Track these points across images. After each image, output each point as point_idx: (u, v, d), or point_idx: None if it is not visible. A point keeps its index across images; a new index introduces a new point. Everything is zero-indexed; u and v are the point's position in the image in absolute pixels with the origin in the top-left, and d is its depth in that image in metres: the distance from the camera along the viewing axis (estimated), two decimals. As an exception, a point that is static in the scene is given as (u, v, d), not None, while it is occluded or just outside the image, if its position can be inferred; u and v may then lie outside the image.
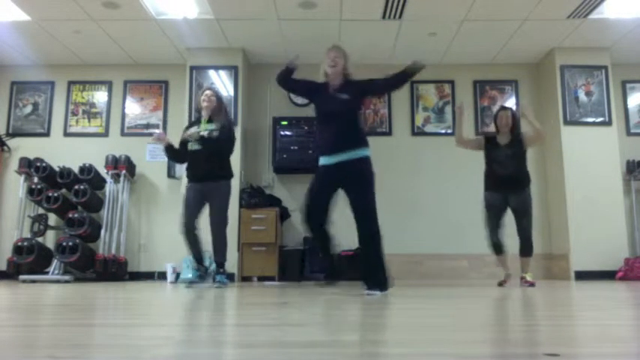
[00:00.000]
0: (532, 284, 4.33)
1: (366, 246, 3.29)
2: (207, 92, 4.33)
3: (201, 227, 4.27)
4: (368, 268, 3.27)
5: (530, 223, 4.42)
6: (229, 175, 4.31)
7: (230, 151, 4.34)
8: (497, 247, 4.49)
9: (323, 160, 3.40)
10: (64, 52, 6.00)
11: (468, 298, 3.07)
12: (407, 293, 3.56)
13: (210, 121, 4.23)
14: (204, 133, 4.17)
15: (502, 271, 4.58)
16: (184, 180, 5.56)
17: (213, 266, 4.70)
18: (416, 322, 1.93)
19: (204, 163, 4.17)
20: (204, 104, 4.26)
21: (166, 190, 6.10)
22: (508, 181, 4.40)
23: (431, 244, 5.92)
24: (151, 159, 6.15)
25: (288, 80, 3.58)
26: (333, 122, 3.37)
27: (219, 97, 4.35)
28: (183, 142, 4.28)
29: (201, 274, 4.26)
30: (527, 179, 4.48)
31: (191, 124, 4.42)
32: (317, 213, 3.38)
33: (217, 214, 4.21)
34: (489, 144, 4.56)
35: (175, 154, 4.38)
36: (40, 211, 5.70)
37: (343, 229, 3.74)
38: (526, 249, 4.43)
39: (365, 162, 3.37)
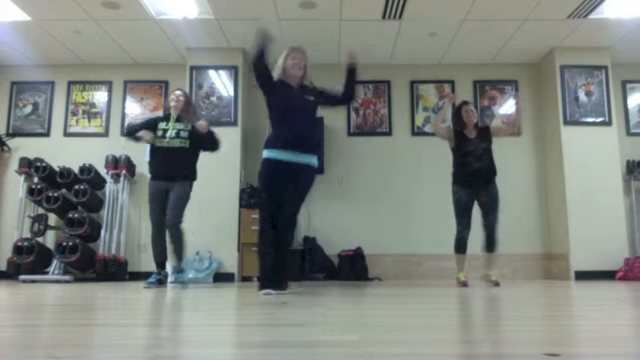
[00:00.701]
0: (497, 284, 4.24)
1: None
2: (177, 92, 4.49)
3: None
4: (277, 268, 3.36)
5: (497, 218, 4.35)
6: (192, 176, 4.37)
7: (217, 146, 4.46)
8: (463, 246, 4.40)
9: (281, 156, 3.38)
10: (64, 52, 6.00)
11: (467, 298, 3.07)
12: (407, 293, 3.56)
13: (178, 120, 4.35)
14: (173, 132, 4.28)
15: (457, 271, 4.45)
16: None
17: (208, 270, 4.75)
18: (416, 322, 1.93)
19: (168, 161, 4.25)
20: (172, 104, 4.40)
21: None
22: (480, 174, 4.36)
23: (431, 244, 5.92)
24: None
25: (265, 64, 3.46)
26: (301, 121, 3.40)
27: (187, 98, 4.49)
28: (147, 127, 4.34)
29: (162, 278, 4.27)
30: (495, 172, 4.44)
31: (160, 119, 4.48)
32: (281, 207, 3.37)
33: (173, 209, 4.20)
34: (460, 137, 4.50)
35: (134, 133, 4.38)
36: (40, 211, 5.70)
37: (343, 230, 3.74)
38: (491, 244, 4.36)
39: (314, 171, 3.50)
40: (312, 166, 3.47)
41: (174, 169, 4.26)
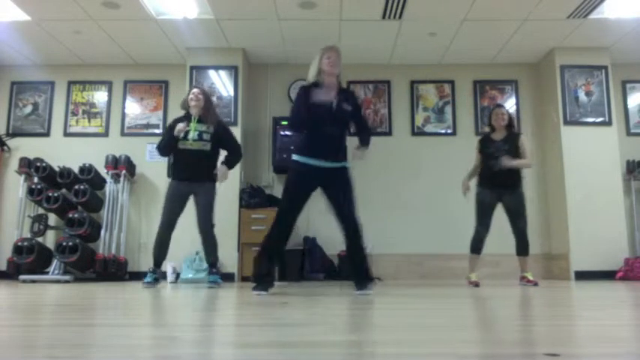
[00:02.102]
0: (535, 283, 4.33)
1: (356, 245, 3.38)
2: (195, 90, 4.33)
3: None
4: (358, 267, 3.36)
5: (525, 223, 4.40)
6: (214, 176, 4.33)
7: (240, 157, 4.46)
8: (478, 247, 4.45)
9: (311, 162, 3.35)
10: (64, 52, 6.00)
11: (467, 298, 3.07)
12: (407, 293, 3.56)
13: (200, 120, 4.23)
14: (195, 134, 4.18)
15: (469, 271, 4.49)
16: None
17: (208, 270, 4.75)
18: (416, 322, 1.93)
19: (195, 162, 4.18)
20: (192, 103, 4.26)
21: (166, 190, 6.09)
22: (501, 177, 4.38)
23: (431, 244, 5.92)
24: (150, 159, 6.15)
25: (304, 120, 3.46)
26: (335, 130, 3.36)
27: (206, 96, 4.36)
28: (173, 136, 4.22)
29: (158, 277, 4.24)
30: (520, 177, 4.46)
31: (179, 120, 4.34)
32: (294, 217, 3.38)
33: (206, 215, 4.21)
34: (483, 142, 4.56)
35: (171, 146, 4.27)
36: (40, 211, 5.70)
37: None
38: (523, 248, 4.42)
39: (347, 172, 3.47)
40: (344, 169, 3.42)
41: (198, 171, 4.18)
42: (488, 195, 4.42)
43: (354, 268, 3.40)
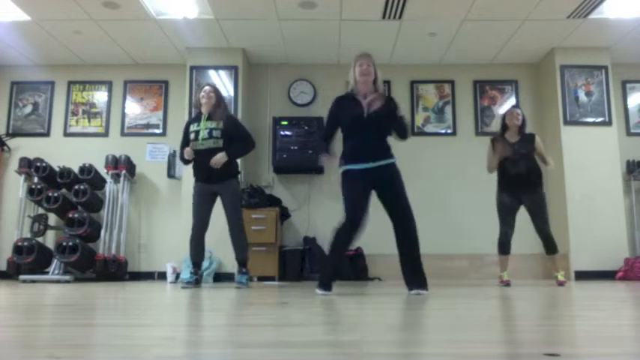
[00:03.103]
0: (561, 283, 4.35)
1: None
2: (207, 88, 4.27)
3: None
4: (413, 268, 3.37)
5: (546, 222, 4.40)
6: (235, 172, 4.28)
7: (251, 146, 4.34)
8: (505, 247, 4.50)
9: (356, 166, 3.39)
10: (64, 52, 6.00)
11: (467, 298, 3.07)
12: (406, 293, 3.56)
13: (209, 118, 4.18)
14: (205, 133, 4.12)
15: (500, 271, 4.56)
16: (185, 180, 5.58)
17: (208, 270, 4.69)
18: (416, 322, 1.93)
19: (208, 163, 4.11)
20: (204, 101, 4.20)
21: (166, 190, 6.11)
22: (520, 180, 4.39)
23: (431, 244, 5.88)
24: (150, 159, 6.15)
25: (331, 142, 3.55)
26: (368, 134, 3.39)
27: (218, 93, 4.30)
28: (188, 141, 4.22)
29: (198, 278, 4.20)
30: (539, 177, 4.45)
31: (191, 121, 4.35)
32: (363, 215, 3.39)
33: (233, 212, 4.18)
34: (499, 143, 4.53)
35: (186, 160, 4.26)
36: (40, 211, 5.70)
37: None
38: (550, 247, 4.42)
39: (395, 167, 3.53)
40: (389, 165, 3.46)
41: (215, 170, 4.11)
42: (507, 197, 4.45)
43: (407, 267, 3.37)
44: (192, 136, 4.17)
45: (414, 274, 3.35)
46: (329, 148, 3.52)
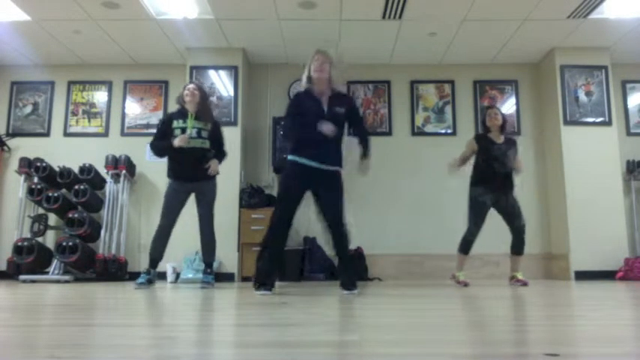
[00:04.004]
0: (525, 283, 4.31)
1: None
2: (190, 86, 4.23)
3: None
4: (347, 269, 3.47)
5: (524, 222, 4.38)
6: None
7: (226, 156, 4.36)
8: (469, 247, 4.41)
9: (305, 162, 3.39)
10: (64, 52, 6.00)
11: (467, 298, 3.07)
12: (406, 293, 3.56)
13: (197, 117, 4.14)
14: (193, 132, 4.09)
15: (457, 270, 4.46)
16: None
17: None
18: (415, 322, 1.93)
19: (192, 162, 4.11)
20: (188, 99, 4.16)
21: (166, 189, 6.08)
22: (502, 180, 4.36)
23: (431, 244, 5.92)
24: (150, 159, 6.15)
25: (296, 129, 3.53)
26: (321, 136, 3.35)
27: (202, 91, 4.26)
28: (165, 135, 4.15)
29: (151, 278, 4.12)
30: (513, 179, 4.45)
31: (173, 117, 4.24)
32: (291, 218, 3.43)
33: (207, 213, 4.18)
34: (484, 141, 4.48)
35: (167, 150, 4.19)
36: (40, 211, 5.70)
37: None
38: (520, 247, 4.40)
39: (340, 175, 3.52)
40: (335, 173, 3.45)
41: (199, 170, 4.11)
42: (487, 197, 4.38)
43: (342, 270, 3.50)
44: (177, 132, 4.11)
45: (346, 278, 3.44)
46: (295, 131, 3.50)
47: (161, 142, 4.18)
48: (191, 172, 4.14)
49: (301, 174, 3.40)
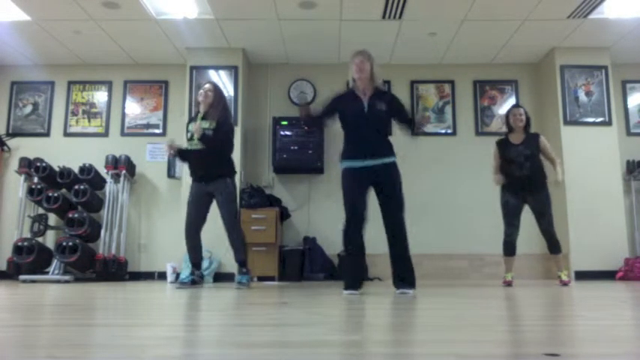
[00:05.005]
0: (565, 283, 4.34)
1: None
2: (206, 86, 4.27)
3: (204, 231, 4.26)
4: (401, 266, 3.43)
5: (551, 222, 4.39)
6: (230, 172, 4.25)
7: (226, 149, 4.25)
8: (510, 249, 4.46)
9: (355, 164, 3.41)
10: (64, 52, 6.00)
11: (467, 299, 3.07)
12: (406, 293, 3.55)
13: (204, 117, 4.17)
14: (199, 131, 4.11)
15: (504, 271, 4.53)
16: (185, 180, 5.58)
17: (208, 269, 4.65)
18: (416, 322, 1.93)
19: (203, 162, 4.14)
20: (200, 99, 4.22)
21: (166, 190, 6.10)
22: (525, 182, 4.38)
23: (431, 244, 5.91)
24: (151, 159, 6.15)
25: (322, 121, 3.66)
26: (368, 130, 3.40)
27: (217, 92, 4.27)
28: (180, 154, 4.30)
29: (196, 279, 4.16)
30: (544, 177, 4.45)
31: (190, 120, 4.39)
32: (360, 217, 3.40)
33: (227, 212, 4.16)
34: (502, 146, 4.52)
35: (187, 155, 4.28)
36: (40, 211, 5.70)
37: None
38: (553, 247, 4.41)
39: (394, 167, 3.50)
40: (389, 164, 3.44)
41: (209, 170, 4.12)
42: (513, 198, 4.42)
43: (395, 269, 3.45)
44: (188, 135, 4.20)
45: (401, 274, 3.41)
46: (318, 116, 3.55)
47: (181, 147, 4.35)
48: (202, 172, 4.16)
49: (355, 176, 3.40)
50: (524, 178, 4.38)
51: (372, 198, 3.52)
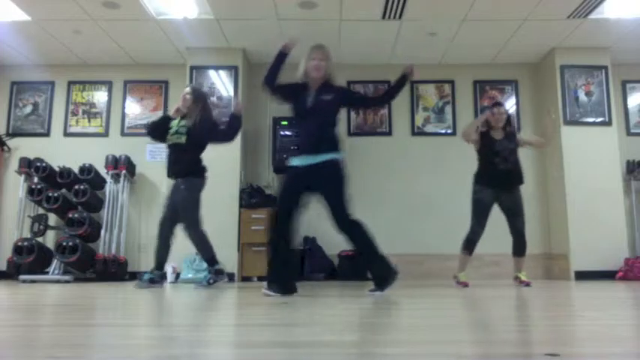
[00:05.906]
0: (528, 284, 4.27)
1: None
2: (185, 90, 4.37)
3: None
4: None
5: (523, 223, 4.32)
6: (197, 170, 4.23)
7: (204, 144, 4.27)
8: (472, 247, 4.35)
9: (295, 162, 3.34)
10: (64, 52, 6.00)
11: (467, 299, 3.07)
12: (407, 293, 3.56)
13: (183, 117, 4.28)
14: (176, 129, 4.24)
15: (458, 270, 4.41)
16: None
17: (205, 271, 4.66)
18: (416, 322, 1.93)
19: (175, 159, 4.24)
20: (181, 103, 4.30)
21: (166, 190, 6.09)
22: (506, 176, 4.32)
23: (431, 244, 5.92)
24: (151, 159, 6.15)
25: (275, 80, 3.51)
26: (313, 123, 3.31)
27: (195, 94, 4.32)
28: (162, 124, 4.37)
29: (156, 278, 4.14)
30: (522, 177, 4.39)
31: (171, 118, 4.42)
32: (289, 217, 3.31)
33: (181, 210, 4.16)
34: (486, 138, 4.43)
35: (157, 128, 4.39)
36: (40, 211, 5.70)
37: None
38: (521, 248, 4.34)
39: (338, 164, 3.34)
40: (332, 161, 3.29)
41: (178, 166, 4.22)
42: (488, 194, 4.32)
43: (368, 269, 3.37)
44: (171, 131, 4.28)
45: (375, 277, 3.31)
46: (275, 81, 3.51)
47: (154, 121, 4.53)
48: (173, 168, 4.28)
49: (293, 176, 3.35)
50: (507, 172, 4.30)
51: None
